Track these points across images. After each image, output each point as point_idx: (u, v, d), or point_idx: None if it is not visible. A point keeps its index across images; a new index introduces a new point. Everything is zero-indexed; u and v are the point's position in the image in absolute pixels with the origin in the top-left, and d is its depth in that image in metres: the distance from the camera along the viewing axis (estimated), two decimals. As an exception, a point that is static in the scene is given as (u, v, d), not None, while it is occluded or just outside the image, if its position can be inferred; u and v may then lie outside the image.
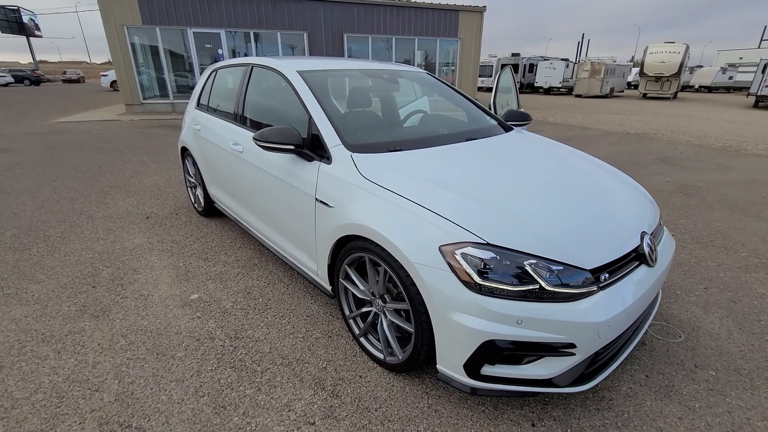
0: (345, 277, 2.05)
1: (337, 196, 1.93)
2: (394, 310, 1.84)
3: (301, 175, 2.15)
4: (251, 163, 2.59)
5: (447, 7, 14.16)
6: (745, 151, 7.36)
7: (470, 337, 1.48)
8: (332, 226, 1.95)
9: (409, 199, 1.67)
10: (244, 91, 2.87)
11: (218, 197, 3.40)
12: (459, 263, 1.49)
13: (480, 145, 2.29)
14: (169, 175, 5.55)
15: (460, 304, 1.48)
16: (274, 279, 2.81)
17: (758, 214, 4.02)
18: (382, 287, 1.84)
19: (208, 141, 3.26)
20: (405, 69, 3.13)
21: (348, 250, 1.91)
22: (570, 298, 1.47)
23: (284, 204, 2.35)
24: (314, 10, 13.11)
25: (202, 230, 3.66)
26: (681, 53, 21.95)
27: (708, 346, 2.12)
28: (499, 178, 1.86)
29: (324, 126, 2.13)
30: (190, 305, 2.49)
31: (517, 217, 1.59)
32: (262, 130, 2.14)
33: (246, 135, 2.69)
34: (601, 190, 1.96)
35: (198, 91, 3.71)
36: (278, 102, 2.66)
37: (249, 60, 2.98)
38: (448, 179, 1.80)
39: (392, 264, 1.67)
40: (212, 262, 3.05)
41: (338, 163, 1.99)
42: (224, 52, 12.97)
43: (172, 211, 4.14)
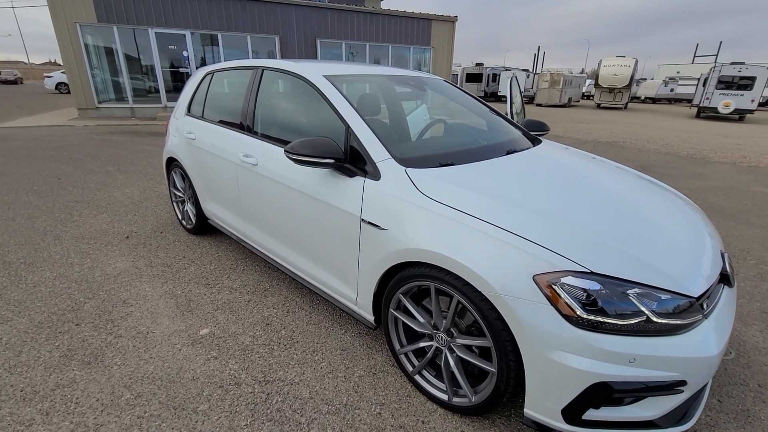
0: (397, 307, 1.83)
1: (392, 217, 1.70)
2: (464, 346, 1.64)
3: (341, 192, 1.91)
4: (269, 177, 2.30)
5: (420, 15, 14.25)
6: (710, 159, 7.84)
7: (576, 379, 1.31)
8: (385, 251, 1.72)
9: (489, 222, 1.48)
10: (253, 97, 2.57)
11: (217, 214, 3.05)
12: (558, 295, 1.31)
13: (528, 159, 2.14)
14: (142, 186, 5.03)
15: (562, 341, 1.31)
16: (293, 306, 2.52)
17: (748, 221, 4.20)
18: (450, 320, 1.63)
19: (205, 152, 2.91)
20: (424, 75, 2.96)
21: (405, 277, 1.69)
22: (678, 330, 1.33)
23: (314, 224, 2.09)
24: (286, 13, 12.73)
25: (195, 251, 3.27)
26: (631, 67, 23.49)
27: (761, 362, 2.09)
28: (568, 196, 1.72)
29: (367, 138, 1.90)
30: (201, 343, 2.15)
31: (608, 241, 1.45)
32: (295, 142, 1.88)
33: (261, 146, 2.40)
34: (672, 207, 1.88)
35: (188, 96, 3.34)
36: (300, 110, 2.40)
37: (256, 62, 2.68)
38: (518, 197, 1.63)
39: (470, 295, 1.47)
40: (216, 289, 2.70)
41: (390, 180, 1.77)
42: (189, 55, 12.26)
43: (156, 229, 3.70)
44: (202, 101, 3.16)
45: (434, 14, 14.38)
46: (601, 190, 1.86)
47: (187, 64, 12.40)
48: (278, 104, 2.52)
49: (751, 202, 4.91)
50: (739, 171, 6.76)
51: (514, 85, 3.84)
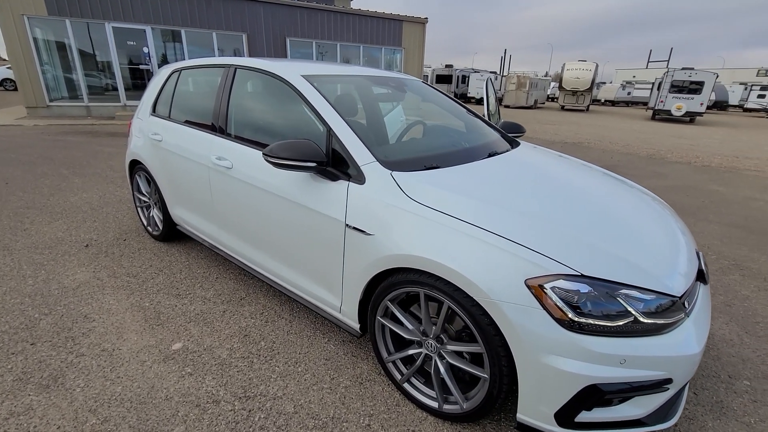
0: (384, 314, 1.78)
1: (379, 222, 1.65)
2: (455, 353, 1.61)
3: (324, 197, 1.84)
4: (245, 181, 2.19)
5: (391, 16, 14.26)
6: (668, 159, 8.29)
7: (569, 382, 1.31)
8: (372, 258, 1.66)
9: (479, 226, 1.46)
10: (226, 97, 2.45)
11: (187, 219, 2.89)
12: (550, 299, 1.31)
13: (510, 161, 2.15)
14: (102, 191, 4.72)
15: (555, 345, 1.30)
16: (272, 315, 2.41)
17: (707, 218, 4.45)
18: (440, 327, 1.59)
19: (173, 154, 2.75)
20: (402, 76, 2.92)
21: (393, 284, 1.65)
22: (663, 329, 1.36)
23: (295, 230, 2.00)
24: (254, 10, 12.39)
25: (163, 259, 3.09)
26: (592, 71, 24.56)
27: (729, 353, 2.19)
28: (552, 199, 1.73)
29: (350, 140, 1.84)
30: (174, 358, 2.02)
31: (595, 243, 1.46)
32: (274, 145, 1.79)
33: (236, 149, 2.28)
34: (646, 206, 1.93)
35: (153, 94, 3.14)
36: (277, 111, 2.30)
37: (228, 61, 2.56)
38: (505, 200, 1.62)
39: (461, 301, 1.44)
40: (188, 299, 2.55)
41: (375, 184, 1.72)
42: (151, 51, 11.69)
43: (118, 236, 3.46)
44: (168, 100, 2.98)
45: (405, 15, 14.44)
46: (581, 191, 1.88)
47: (148, 61, 11.83)
48: (253, 105, 2.41)
49: (708, 200, 5.21)
50: (695, 170, 7.19)
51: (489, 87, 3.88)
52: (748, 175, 6.91)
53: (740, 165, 7.94)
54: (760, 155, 9.46)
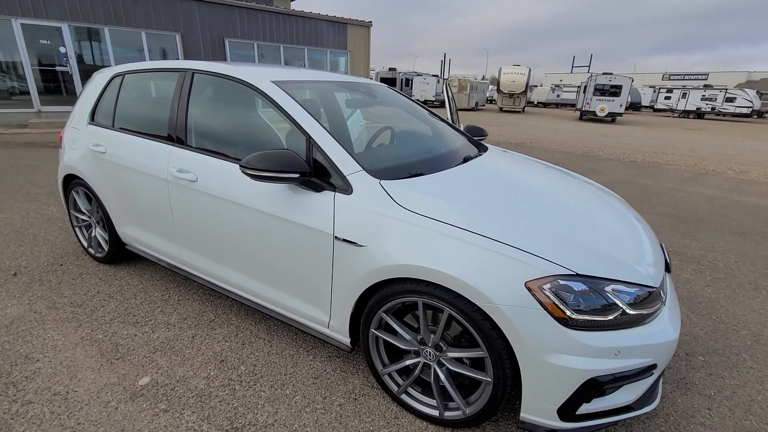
0: (378, 326, 1.73)
1: (371, 233, 1.61)
2: (455, 359, 1.61)
3: (308, 209, 1.75)
4: (214, 195, 2.03)
5: (335, 19, 14.14)
6: (600, 156, 9.07)
7: (572, 378, 1.36)
8: (365, 270, 1.61)
9: (476, 233, 1.47)
10: (183, 104, 2.25)
11: (139, 239, 2.62)
12: (550, 299, 1.35)
13: (487, 166, 2.20)
14: (24, 209, 4.15)
15: (557, 344, 1.35)
16: (248, 336, 2.26)
17: (642, 209, 4.92)
18: (440, 335, 1.58)
19: (122, 167, 2.48)
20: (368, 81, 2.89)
21: (388, 295, 1.61)
22: (646, 319, 1.46)
23: (275, 246, 1.89)
24: (188, 9, 11.65)
25: (111, 284, 2.78)
26: (526, 74, 26.25)
27: (682, 333, 2.42)
28: (533, 201, 1.79)
29: (333, 149, 1.77)
30: (143, 395, 1.81)
31: (580, 242, 1.53)
32: (252, 156, 1.69)
33: (201, 160, 2.11)
34: (609, 203, 2.07)
35: (91, 101, 2.82)
36: (245, 120, 2.16)
37: (182, 64, 2.36)
38: (493, 205, 1.66)
39: (462, 308, 1.45)
40: (148, 327, 2.31)
41: (363, 193, 1.67)
42: (69, 51, 10.54)
43: (52, 261, 3.06)
44: (111, 108, 2.69)
45: (350, 18, 14.42)
46: (552, 192, 1.98)
47: (66, 63, 10.66)
48: (217, 113, 2.24)
49: (640, 193, 5.77)
50: (625, 166, 7.93)
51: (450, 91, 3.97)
52: (668, 169, 7.76)
53: (660, 160, 8.90)
54: (673, 151, 10.67)
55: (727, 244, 3.86)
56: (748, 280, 3.13)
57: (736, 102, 29.09)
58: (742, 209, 5.08)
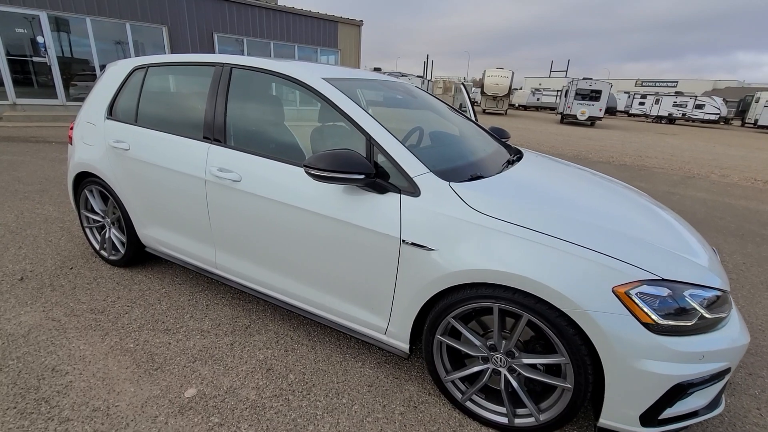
0: (444, 332, 1.69)
1: (443, 237, 1.57)
2: (529, 365, 1.58)
3: (370, 211, 1.69)
4: (262, 196, 1.94)
5: (326, 17, 13.98)
6: (591, 159, 9.30)
7: (658, 383, 1.36)
8: (436, 274, 1.57)
9: (559, 237, 1.45)
10: (222, 101, 2.14)
11: (166, 241, 2.49)
12: (637, 304, 1.35)
13: (537, 169, 2.19)
14: (16, 209, 3.89)
15: (645, 349, 1.35)
16: (289, 342, 2.17)
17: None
18: (515, 340, 1.56)
19: (150, 165, 2.34)
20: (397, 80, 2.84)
21: (460, 300, 1.57)
22: (721, 323, 1.48)
23: (330, 249, 1.82)
24: (176, 1, 11.25)
25: (131, 288, 2.62)
26: (509, 78, 26.70)
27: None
28: (598, 205, 1.79)
29: (397, 150, 1.72)
30: (192, 408, 1.71)
31: (657, 246, 1.54)
32: (314, 157, 1.63)
33: (246, 160, 2.01)
34: (662, 208, 2.09)
35: (109, 95, 2.66)
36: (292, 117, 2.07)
37: (218, 59, 2.25)
38: (563, 209, 1.64)
39: (543, 313, 1.43)
40: (181, 334, 2.19)
41: (432, 196, 1.63)
42: (48, 42, 10.00)
43: (61, 264, 2.87)
44: (133, 103, 2.54)
45: (341, 17, 14.27)
46: (609, 194, 1.99)
47: (45, 53, 10.12)
48: (262, 110, 2.15)
49: (638, 195, 5.94)
50: (617, 169, 8.16)
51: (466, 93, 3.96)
52: (657, 172, 8.04)
53: (647, 163, 9.21)
54: (656, 154, 11.07)
55: (731, 246, 4.01)
56: (760, 280, 3.26)
57: (704, 109, 30.49)
58: (736, 212, 5.31)
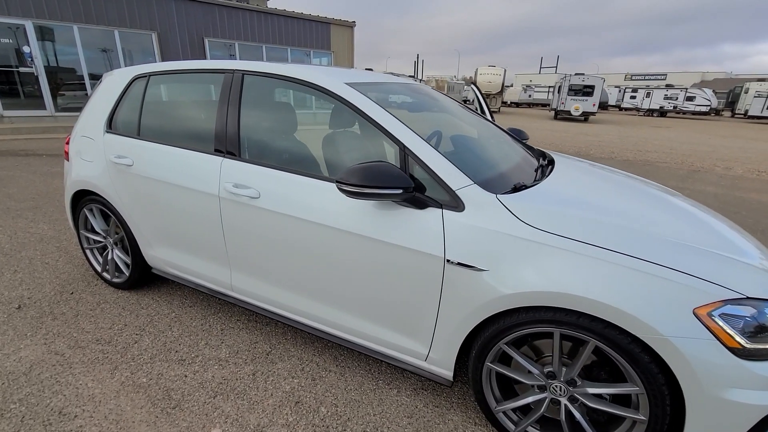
0: (494, 359, 1.54)
1: (494, 255, 1.42)
2: (593, 395, 1.44)
3: (408, 229, 1.54)
4: (281, 213, 1.78)
5: (318, 19, 13.79)
6: (592, 155, 9.23)
7: (747, 414, 1.21)
8: (488, 297, 1.42)
9: (627, 254, 1.31)
10: (235, 110, 1.98)
11: (174, 262, 2.31)
12: (721, 327, 1.21)
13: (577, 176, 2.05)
14: (9, 228, 3.68)
15: (732, 376, 1.20)
16: (316, 369, 2.01)
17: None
18: (578, 368, 1.41)
19: (156, 182, 2.17)
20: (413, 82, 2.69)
21: (514, 324, 1.43)
22: None
23: (361, 270, 1.67)
24: (165, 6, 11.01)
25: (138, 314, 2.44)
26: (501, 75, 26.72)
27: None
28: (655, 215, 1.65)
29: (436, 161, 1.57)
30: (218, 453, 1.54)
31: (730, 259, 1.40)
32: (349, 171, 1.47)
33: (263, 174, 1.85)
34: (712, 213, 1.96)
35: (108, 107, 2.47)
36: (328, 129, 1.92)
37: (226, 65, 2.08)
38: (623, 222, 1.50)
39: (614, 339, 1.28)
40: (198, 365, 2.02)
41: (478, 210, 1.48)
42: (34, 51, 9.72)
43: (60, 289, 2.68)
44: (134, 114, 2.36)
45: (333, 18, 14.11)
46: (660, 201, 1.86)
47: (31, 63, 9.83)
48: (279, 120, 1.99)
49: (648, 192, 5.84)
50: (622, 165, 8.08)
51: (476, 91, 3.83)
52: (662, 167, 7.98)
53: (649, 158, 9.16)
54: (655, 148, 11.05)
55: (753, 243, 3.91)
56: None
57: (695, 101, 30.77)
58: (750, 206, 5.23)
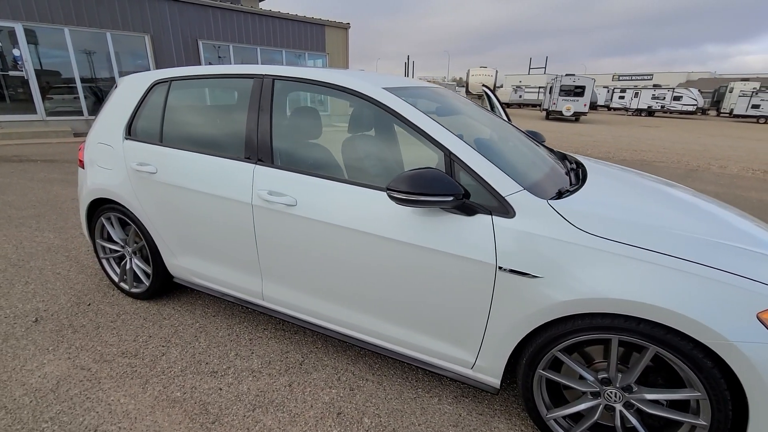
0: (546, 366, 1.53)
1: (547, 262, 1.41)
2: (650, 401, 1.43)
3: (456, 235, 1.52)
4: (320, 221, 1.75)
5: (313, 20, 13.73)
6: (591, 156, 9.33)
7: (813, 418, 1.22)
8: (542, 304, 1.41)
9: (686, 259, 1.31)
10: (266, 116, 1.94)
11: (199, 271, 2.26)
12: (784, 331, 1.21)
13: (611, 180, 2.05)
14: (14, 237, 3.57)
15: (796, 381, 1.21)
16: (352, 379, 1.98)
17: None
18: (637, 374, 1.40)
19: (183, 189, 2.12)
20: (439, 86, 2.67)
21: (569, 331, 1.42)
22: None
23: (407, 278, 1.65)
24: (158, 8, 10.85)
25: (161, 324, 2.38)
26: (493, 76, 26.93)
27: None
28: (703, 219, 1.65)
29: (483, 167, 1.55)
30: (266, 469, 1.50)
31: (780, 261, 1.41)
32: (399, 178, 1.46)
33: (299, 181, 1.82)
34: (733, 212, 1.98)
35: (126, 113, 2.41)
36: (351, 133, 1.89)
37: (255, 70, 2.04)
38: (675, 226, 1.50)
39: (676, 345, 1.28)
40: (231, 376, 1.97)
41: (530, 216, 1.47)
42: (24, 54, 9.49)
43: (76, 300, 2.61)
44: (156, 120, 2.31)
45: (328, 20, 14.05)
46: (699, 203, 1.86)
47: (21, 66, 9.61)
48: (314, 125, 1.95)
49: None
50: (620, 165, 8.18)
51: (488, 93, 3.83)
52: (660, 167, 8.10)
53: (645, 158, 9.29)
54: (649, 148, 11.22)
55: (760, 241, 3.98)
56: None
57: (682, 101, 31.38)
58: (752, 205, 5.33)
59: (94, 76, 10.55)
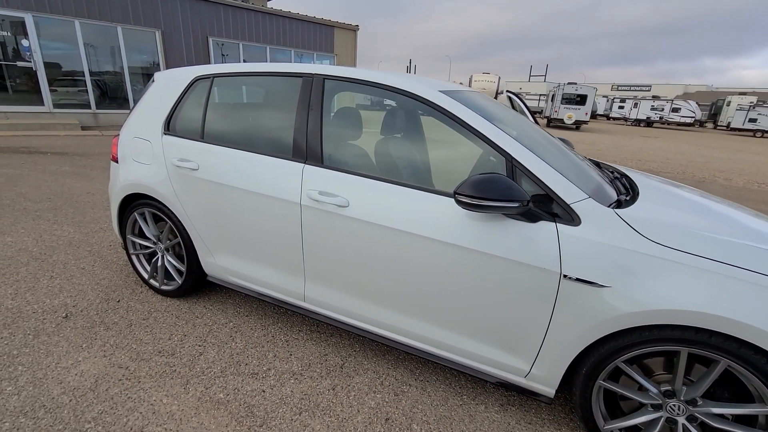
0: (607, 377, 1.52)
1: (615, 271, 1.40)
2: (716, 415, 1.42)
3: (519, 242, 1.51)
4: (374, 223, 1.73)
5: (322, 21, 13.74)
6: (598, 164, 9.37)
7: None
8: (608, 314, 1.40)
9: (757, 272, 1.30)
10: (317, 116, 1.92)
11: (238, 270, 2.24)
12: None
13: (659, 187, 2.05)
14: (33, 230, 3.52)
15: None
16: (395, 383, 1.96)
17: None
18: (705, 388, 1.39)
19: (228, 187, 2.09)
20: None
21: (635, 342, 1.41)
22: None
23: (462, 283, 1.63)
24: (169, 4, 10.81)
25: (194, 323, 2.35)
26: (496, 82, 26.96)
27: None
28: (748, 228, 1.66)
29: (547, 174, 1.55)
30: (322, 475, 1.48)
31: None
32: (467, 183, 1.45)
33: (353, 182, 1.80)
34: None
35: (166, 108, 2.38)
36: (406, 136, 1.88)
37: (304, 69, 2.02)
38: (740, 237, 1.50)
39: (750, 359, 1.27)
40: (272, 378, 1.95)
41: (596, 225, 1.46)
42: (33, 45, 9.41)
43: (105, 297, 2.56)
44: (198, 117, 2.28)
45: (337, 21, 14.07)
46: (746, 214, 1.87)
47: (30, 57, 9.52)
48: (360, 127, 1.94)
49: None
50: (628, 174, 8.23)
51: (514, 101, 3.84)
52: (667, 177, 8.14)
53: (650, 168, 9.35)
54: (652, 158, 11.30)
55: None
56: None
57: (681, 112, 31.69)
58: (764, 218, 5.37)
59: (102, 69, 10.48)
